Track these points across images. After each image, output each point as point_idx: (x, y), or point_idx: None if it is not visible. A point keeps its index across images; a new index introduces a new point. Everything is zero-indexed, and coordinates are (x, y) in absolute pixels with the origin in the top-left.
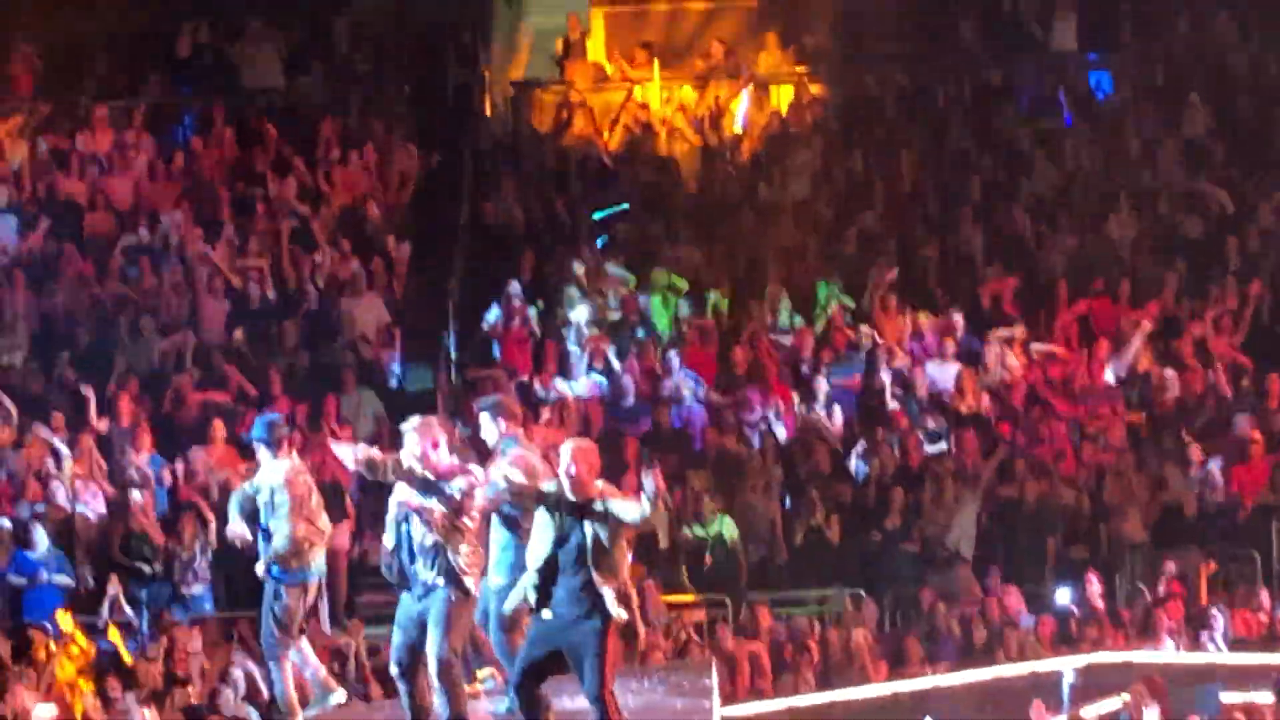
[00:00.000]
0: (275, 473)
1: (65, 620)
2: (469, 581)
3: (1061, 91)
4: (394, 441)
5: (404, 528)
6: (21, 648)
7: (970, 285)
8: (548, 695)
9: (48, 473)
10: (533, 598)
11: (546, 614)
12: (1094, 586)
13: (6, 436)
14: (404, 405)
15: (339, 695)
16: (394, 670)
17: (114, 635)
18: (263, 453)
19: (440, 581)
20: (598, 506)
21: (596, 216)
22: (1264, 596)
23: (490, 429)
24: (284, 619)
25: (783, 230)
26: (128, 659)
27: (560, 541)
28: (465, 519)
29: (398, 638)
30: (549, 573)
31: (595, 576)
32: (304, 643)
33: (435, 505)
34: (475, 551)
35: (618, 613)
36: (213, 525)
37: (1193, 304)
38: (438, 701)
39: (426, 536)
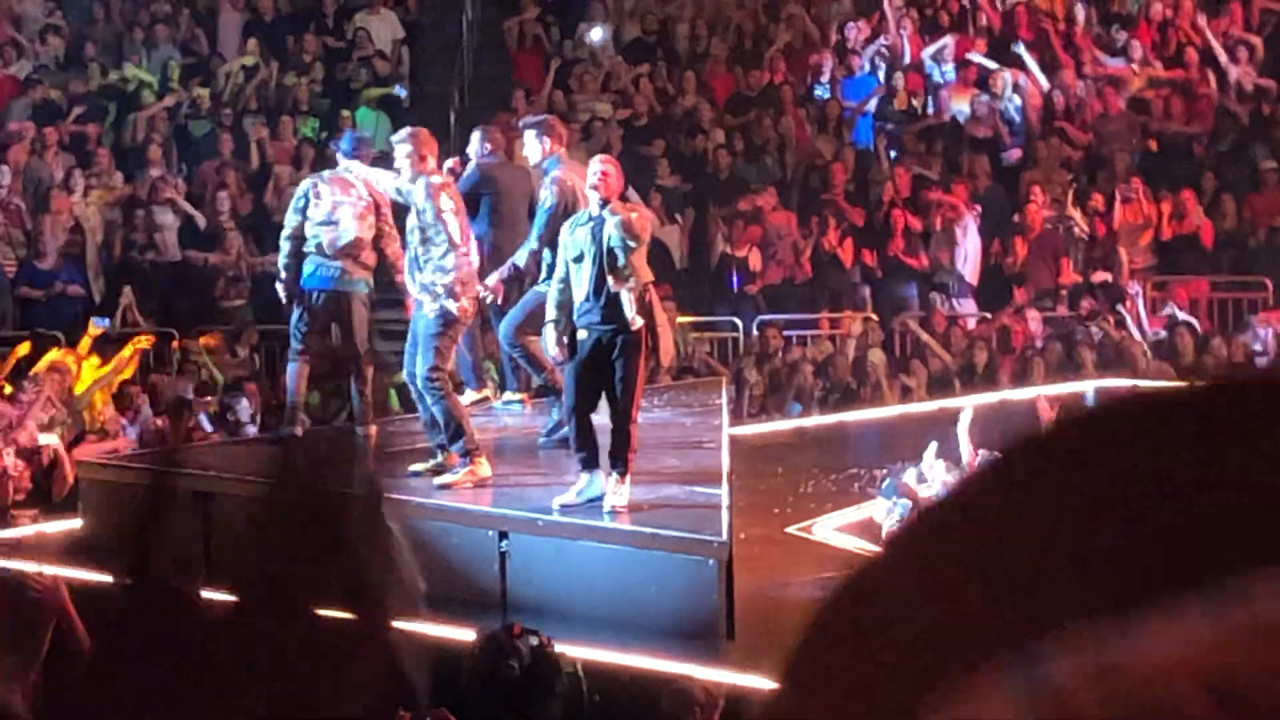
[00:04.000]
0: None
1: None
2: (447, 298)
3: None
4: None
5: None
6: (35, 359)
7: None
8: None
9: (59, 184)
10: (552, 314)
11: (582, 334)
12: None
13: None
14: (415, 122)
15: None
16: (404, 376)
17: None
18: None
19: (423, 297)
20: (614, 219)
21: None
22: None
23: (534, 147)
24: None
25: None
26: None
27: (579, 258)
28: (446, 233)
29: (408, 347)
30: (571, 289)
31: (611, 284)
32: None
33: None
34: (460, 268)
35: (635, 319)
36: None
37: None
38: (436, 413)
39: (415, 249)
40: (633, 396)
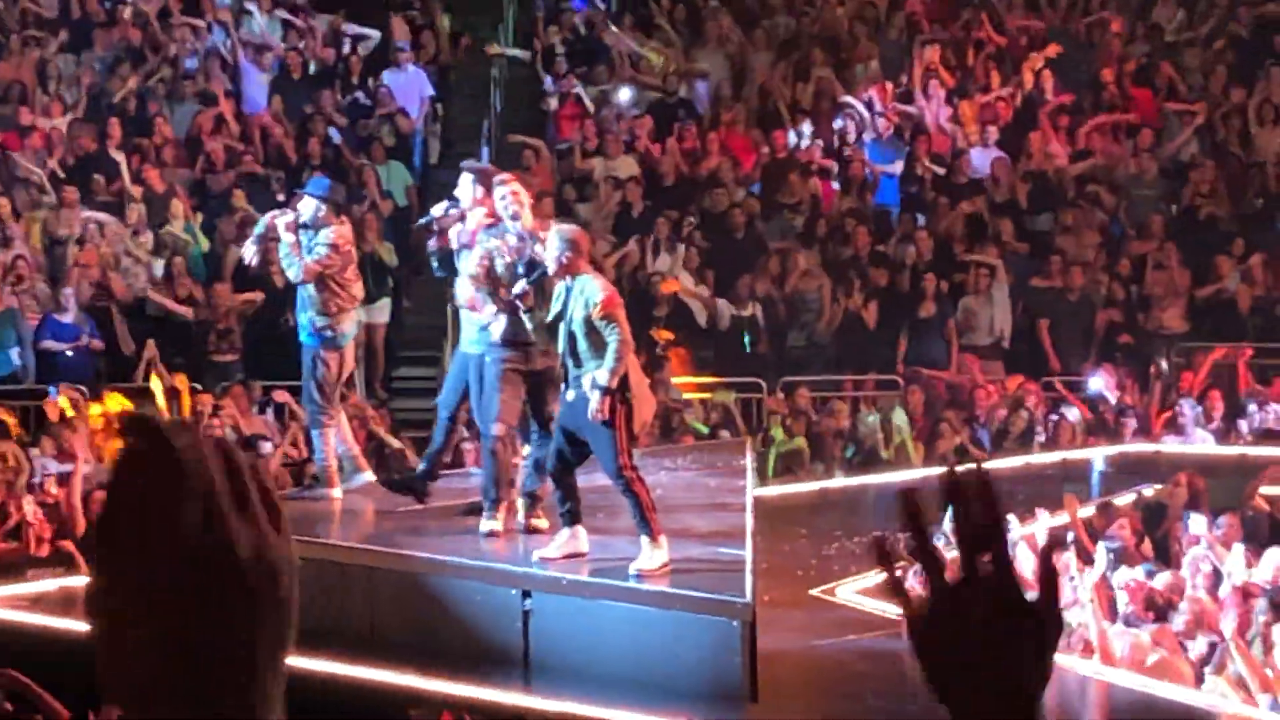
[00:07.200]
0: (325, 234)
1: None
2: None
3: None
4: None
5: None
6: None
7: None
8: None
9: (86, 239)
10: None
11: (570, 395)
12: (1124, 378)
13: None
14: (443, 180)
15: (367, 475)
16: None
17: (155, 389)
18: (311, 208)
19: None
20: (591, 298)
21: None
22: None
23: (466, 191)
24: (323, 384)
25: (825, 16)
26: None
27: (559, 318)
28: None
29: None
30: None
31: (581, 352)
32: (341, 418)
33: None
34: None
35: (600, 411)
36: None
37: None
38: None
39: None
40: (615, 456)
